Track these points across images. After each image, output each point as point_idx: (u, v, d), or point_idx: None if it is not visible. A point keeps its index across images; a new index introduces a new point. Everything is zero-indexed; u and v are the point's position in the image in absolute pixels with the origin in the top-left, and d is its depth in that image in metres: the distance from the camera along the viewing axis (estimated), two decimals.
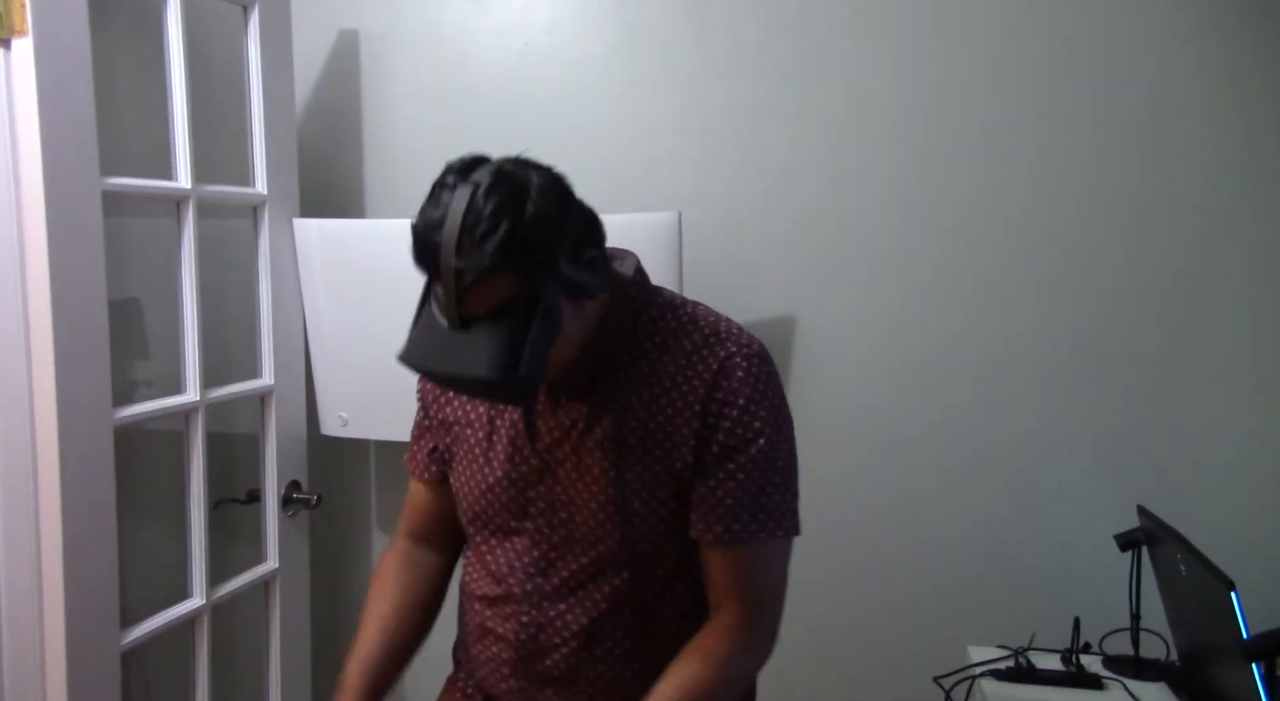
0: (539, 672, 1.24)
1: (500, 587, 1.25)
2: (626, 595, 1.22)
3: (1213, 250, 1.96)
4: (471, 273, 1.01)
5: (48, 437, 1.57)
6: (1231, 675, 1.47)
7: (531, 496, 1.22)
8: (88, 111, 1.61)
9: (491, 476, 1.24)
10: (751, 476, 1.17)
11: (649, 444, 1.18)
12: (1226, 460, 1.98)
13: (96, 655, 1.66)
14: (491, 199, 1.02)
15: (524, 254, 1.02)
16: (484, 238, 1.01)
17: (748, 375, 1.17)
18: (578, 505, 1.20)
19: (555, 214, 1.06)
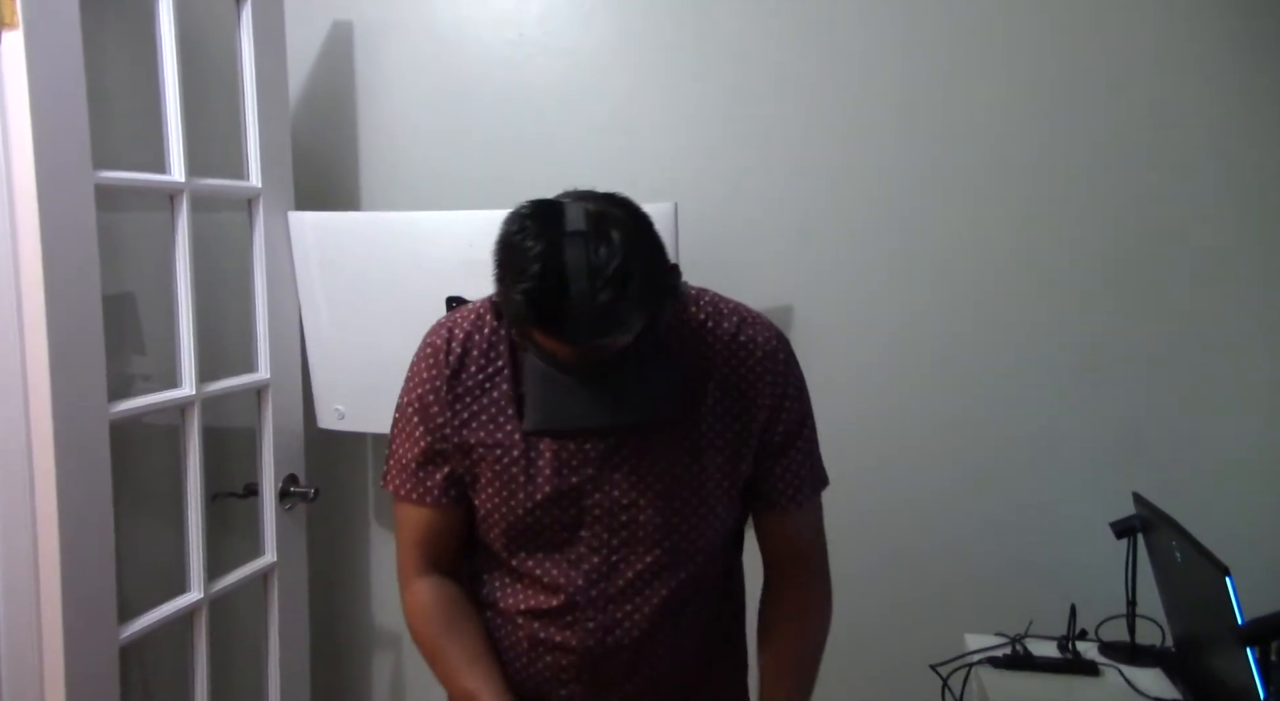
0: (604, 674, 1.24)
1: (557, 598, 1.23)
2: (690, 587, 1.25)
3: (1210, 242, 1.96)
4: (617, 328, 1.01)
5: (43, 432, 1.57)
6: (1226, 660, 1.48)
7: (587, 505, 1.21)
8: (80, 104, 1.60)
9: (539, 494, 1.21)
10: (810, 446, 1.29)
11: (710, 438, 1.21)
12: (1222, 448, 1.98)
13: (95, 649, 1.66)
14: (608, 247, 1.00)
15: (655, 295, 1.05)
16: (620, 291, 0.99)
17: (788, 359, 1.26)
18: (640, 506, 1.20)
19: (657, 243, 1.08)
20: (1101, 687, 1.70)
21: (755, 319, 1.26)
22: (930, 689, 1.76)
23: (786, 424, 1.25)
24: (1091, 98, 1.98)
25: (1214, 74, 1.92)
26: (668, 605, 1.24)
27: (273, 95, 2.04)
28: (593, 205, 1.04)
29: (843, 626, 2.13)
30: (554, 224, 1.01)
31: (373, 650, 2.42)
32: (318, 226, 2.09)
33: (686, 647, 1.28)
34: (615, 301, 0.99)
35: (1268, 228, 1.94)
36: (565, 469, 1.20)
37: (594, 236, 1.00)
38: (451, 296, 2.02)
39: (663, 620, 1.24)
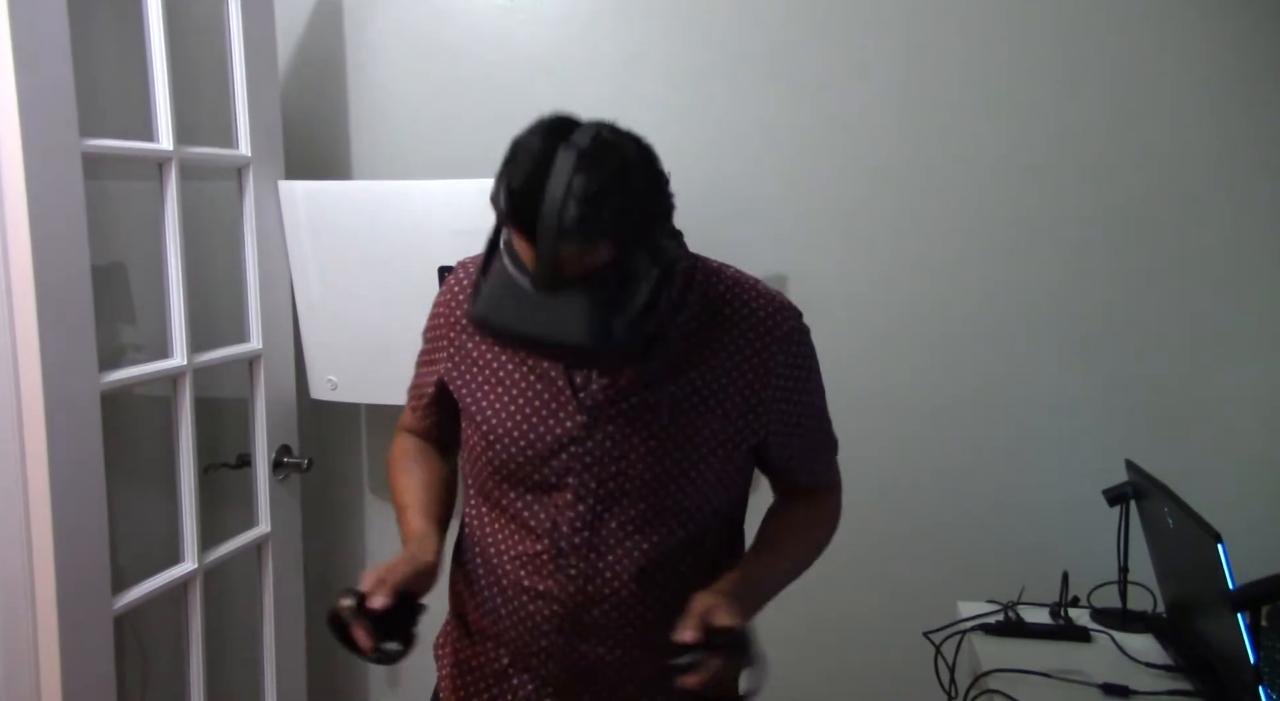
0: (584, 625, 1.25)
1: (541, 543, 1.24)
2: (680, 548, 1.25)
3: (1202, 208, 1.96)
4: (575, 240, 1.01)
5: (34, 403, 1.56)
6: (1217, 625, 1.49)
7: (576, 452, 1.22)
8: (65, 71, 1.58)
9: (533, 433, 1.23)
10: (820, 421, 1.36)
11: (711, 403, 1.22)
12: (1215, 415, 1.99)
13: (89, 619, 1.66)
14: (598, 168, 1.02)
15: (627, 225, 1.04)
16: (591, 206, 1.00)
17: (803, 338, 1.29)
18: (630, 460, 1.21)
19: (653, 187, 1.09)
20: (1093, 653, 1.71)
21: (776, 297, 1.28)
22: (923, 656, 1.77)
23: (798, 403, 1.28)
24: (1086, 64, 1.96)
25: (1215, 49, 1.91)
26: (652, 561, 1.24)
27: (262, 63, 2.01)
28: (609, 134, 1.07)
29: (837, 594, 2.17)
30: (561, 134, 1.05)
31: None
32: (308, 196, 2.07)
33: (672, 610, 1.24)
34: (584, 217, 1.00)
35: (1263, 196, 1.93)
36: (562, 413, 1.22)
37: (590, 156, 1.02)
38: (443, 266, 2.01)
39: (646, 578, 1.24)
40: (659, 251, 1.09)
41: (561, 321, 1.05)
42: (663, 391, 1.21)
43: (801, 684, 2.20)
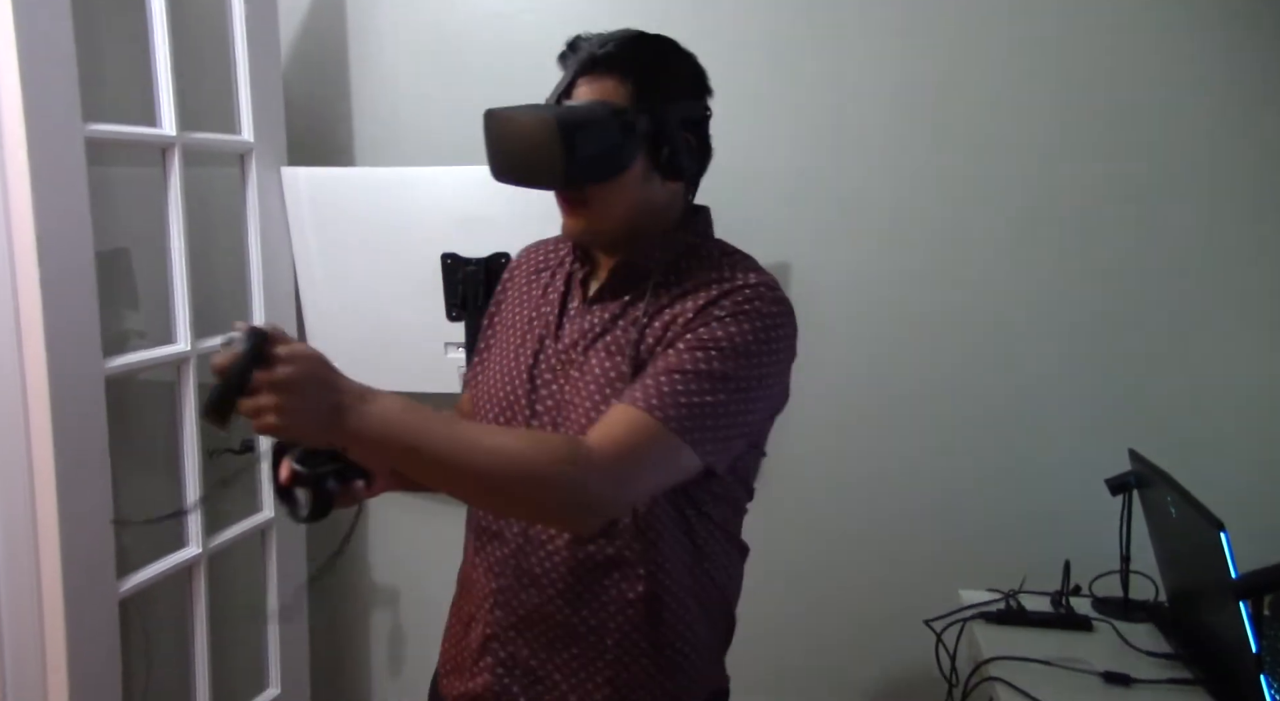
0: (524, 571, 1.23)
1: None
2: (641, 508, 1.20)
3: (1205, 200, 1.95)
4: (589, 53, 1.15)
5: (38, 389, 1.57)
6: (1219, 614, 1.49)
7: (543, 394, 1.23)
8: (69, 56, 1.57)
9: (519, 372, 1.26)
10: (683, 360, 1.12)
11: (653, 354, 1.18)
12: (1218, 404, 1.99)
13: (94, 603, 1.67)
14: (633, 32, 1.20)
15: (639, 61, 1.17)
16: (615, 38, 1.17)
17: (750, 296, 1.16)
18: (576, 403, 1.20)
19: (681, 63, 1.22)
20: (1094, 642, 1.71)
21: (756, 274, 1.21)
22: (924, 643, 1.78)
23: (695, 345, 1.13)
24: (1094, 58, 1.95)
25: (1218, 50, 1.90)
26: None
27: (264, 48, 2.01)
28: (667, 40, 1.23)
29: (838, 582, 2.17)
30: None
31: (371, 606, 2.44)
32: (311, 182, 2.07)
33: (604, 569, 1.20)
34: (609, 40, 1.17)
35: (1265, 185, 1.93)
36: (541, 354, 1.25)
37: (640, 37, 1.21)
38: (446, 253, 2.01)
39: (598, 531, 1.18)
40: (664, 138, 1.17)
41: (544, 113, 1.12)
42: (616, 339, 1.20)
43: (802, 670, 2.21)
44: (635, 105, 1.16)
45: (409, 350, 2.10)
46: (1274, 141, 1.91)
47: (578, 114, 1.13)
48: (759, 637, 2.16)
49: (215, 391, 0.94)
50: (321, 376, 0.98)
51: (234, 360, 0.94)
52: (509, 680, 1.25)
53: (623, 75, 1.16)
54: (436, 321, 2.04)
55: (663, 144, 1.18)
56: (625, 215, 1.20)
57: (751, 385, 1.15)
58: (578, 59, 1.17)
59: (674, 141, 1.18)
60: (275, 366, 0.95)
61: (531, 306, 1.32)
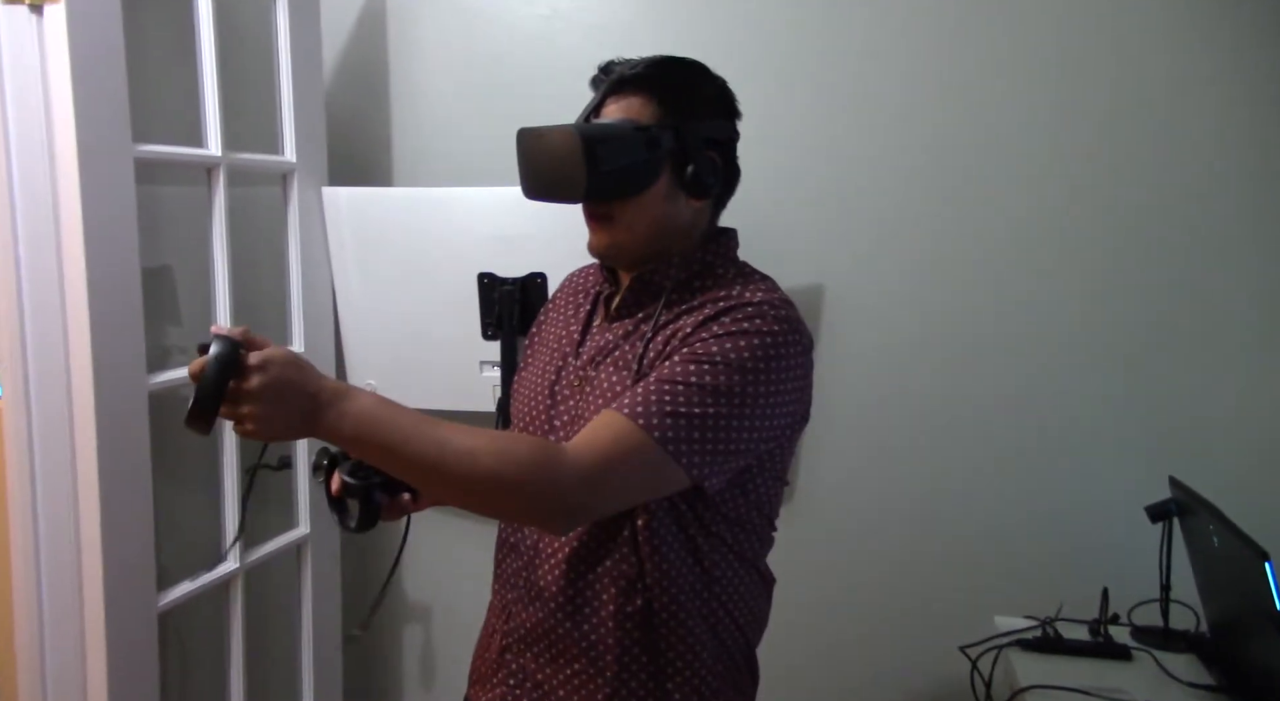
0: (533, 583, 1.24)
1: None
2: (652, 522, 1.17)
3: (1248, 216, 1.92)
4: (619, 74, 1.19)
5: (84, 403, 1.60)
6: (1263, 646, 1.46)
7: (561, 409, 1.25)
8: (120, 78, 1.61)
9: (543, 388, 1.28)
10: (675, 371, 1.10)
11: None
12: (1260, 431, 1.95)
13: (134, 616, 1.69)
14: (663, 56, 1.23)
15: (665, 81, 1.21)
16: (645, 60, 1.22)
17: (753, 314, 1.14)
18: (587, 417, 1.19)
19: (708, 84, 1.25)
20: (1133, 672, 1.69)
21: (767, 291, 1.19)
22: (959, 670, 1.75)
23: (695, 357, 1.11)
24: (1130, 72, 1.94)
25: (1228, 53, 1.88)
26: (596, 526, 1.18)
27: (307, 71, 2.05)
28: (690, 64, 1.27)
29: (872, 607, 2.15)
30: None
31: (404, 621, 2.45)
32: (351, 201, 2.10)
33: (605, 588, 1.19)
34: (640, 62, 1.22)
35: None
36: (565, 370, 1.27)
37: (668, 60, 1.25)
38: (483, 272, 2.03)
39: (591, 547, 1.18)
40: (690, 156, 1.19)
41: (569, 129, 1.15)
42: (627, 354, 1.21)
43: (834, 693, 2.19)
44: (660, 122, 1.18)
45: (445, 368, 2.12)
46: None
47: (602, 129, 1.17)
48: (793, 664, 2.15)
49: (193, 401, 0.97)
50: (294, 380, 0.99)
51: (206, 369, 0.96)
52: (520, 692, 1.27)
53: (649, 93, 1.19)
54: (472, 340, 2.06)
55: (687, 162, 1.19)
56: (649, 232, 1.21)
57: (748, 402, 1.12)
58: (609, 80, 1.22)
59: (699, 160, 1.19)
60: (249, 374, 0.97)
61: (563, 326, 1.35)
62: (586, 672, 1.22)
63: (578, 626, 1.21)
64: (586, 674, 1.22)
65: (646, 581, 1.19)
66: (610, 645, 1.20)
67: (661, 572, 1.18)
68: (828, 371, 2.11)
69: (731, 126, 1.27)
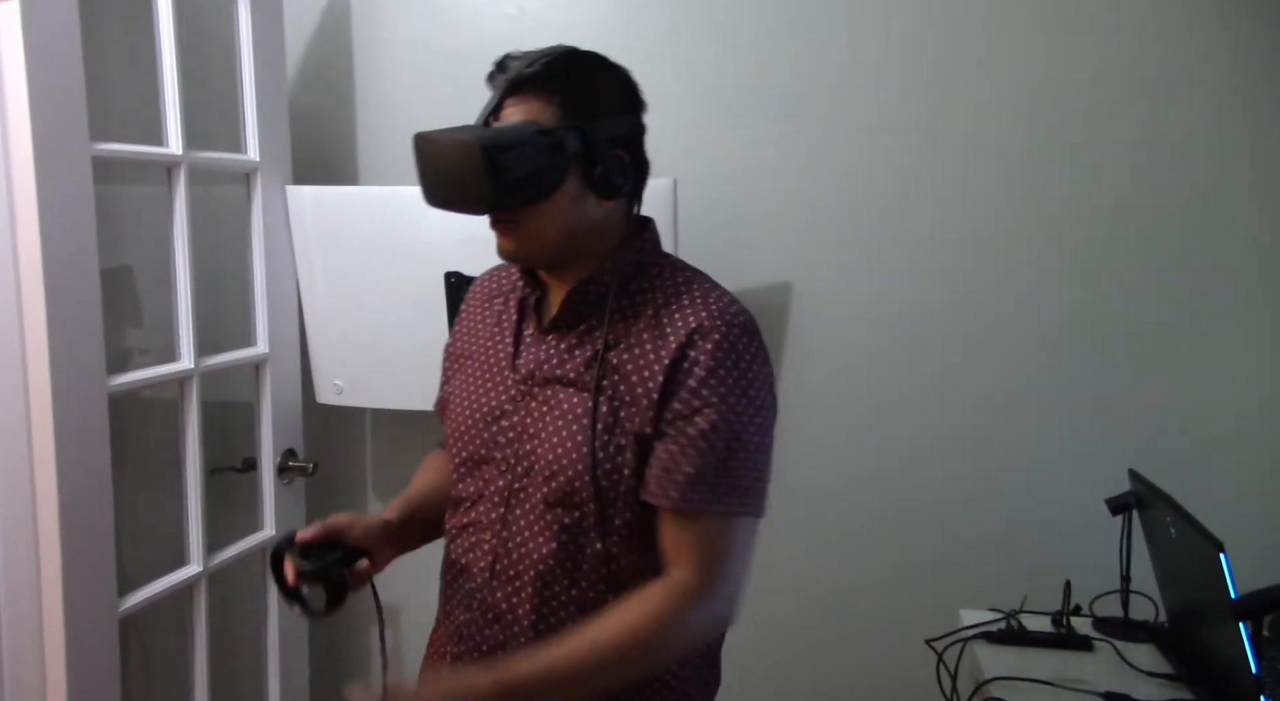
0: (491, 606, 1.23)
1: (468, 516, 1.27)
2: (584, 534, 1.19)
3: (1206, 221, 1.96)
4: (516, 73, 1.14)
5: (42, 406, 1.57)
6: (1219, 635, 1.49)
7: (504, 425, 1.24)
8: (76, 75, 1.59)
9: (479, 403, 1.27)
10: (714, 447, 1.14)
11: (618, 389, 1.18)
12: (1218, 425, 1.99)
13: (95, 621, 1.67)
14: (561, 49, 1.18)
15: (566, 79, 1.15)
16: (543, 55, 1.16)
17: (722, 341, 1.15)
18: (542, 437, 1.20)
19: (610, 78, 1.21)
20: (1095, 662, 1.71)
21: (722, 303, 1.20)
22: (925, 663, 1.77)
23: (689, 401, 1.14)
24: (1093, 82, 1.97)
25: (1212, 53, 1.92)
26: (564, 550, 1.19)
27: (270, 68, 2.03)
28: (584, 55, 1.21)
29: (839, 601, 2.17)
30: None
31: (372, 623, 2.43)
32: (316, 200, 2.08)
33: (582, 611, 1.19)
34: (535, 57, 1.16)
35: (1262, 204, 1.94)
36: (500, 386, 1.26)
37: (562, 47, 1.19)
38: (450, 272, 2.02)
39: (556, 564, 1.19)
40: (595, 156, 1.15)
41: (467, 134, 1.11)
42: (576, 367, 1.20)
43: (803, 691, 2.21)
44: (563, 124, 1.14)
45: (412, 369, 2.10)
46: (1274, 151, 1.92)
47: (503, 136, 1.11)
48: (759, 659, 2.16)
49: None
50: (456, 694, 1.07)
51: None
52: None
53: (549, 94, 1.14)
54: (439, 340, 2.01)
55: (594, 163, 1.15)
56: (559, 236, 1.18)
57: (768, 423, 1.20)
58: (505, 79, 1.15)
59: (606, 159, 1.16)
60: None
61: (485, 335, 1.32)
62: None
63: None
64: None
65: (611, 599, 1.19)
66: None
67: (628, 591, 1.18)
68: (794, 370, 2.13)
69: (637, 120, 1.22)
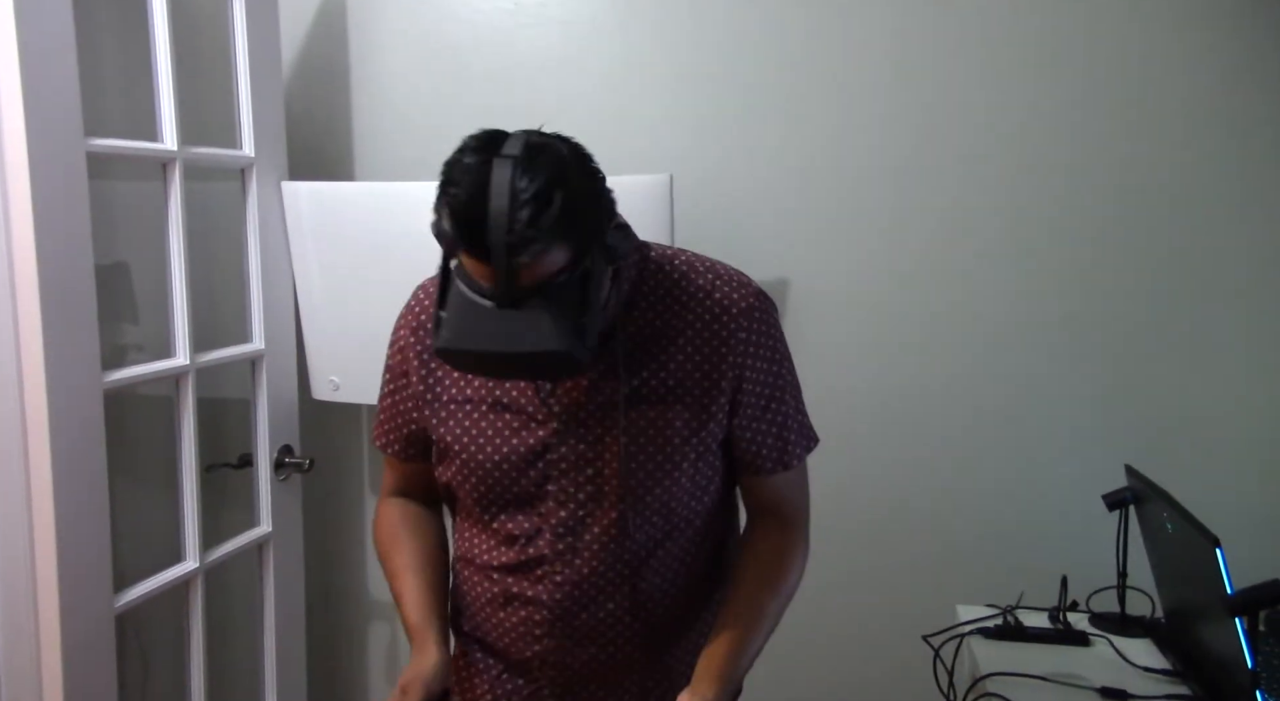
0: (574, 628, 1.25)
1: (526, 553, 1.25)
2: (665, 546, 1.26)
3: (1203, 218, 1.96)
4: (529, 249, 0.99)
5: (37, 402, 1.57)
6: (1215, 630, 1.49)
7: (553, 459, 1.22)
8: (70, 71, 1.58)
9: (506, 447, 1.23)
10: (789, 407, 1.28)
11: (677, 393, 1.21)
12: (1214, 421, 1.99)
13: (90, 617, 1.67)
14: (537, 172, 1.00)
15: (577, 226, 1.03)
16: (538, 211, 0.99)
17: (764, 317, 1.25)
18: (605, 460, 1.21)
19: (593, 184, 1.09)
20: (1092, 657, 1.71)
21: (733, 277, 1.25)
22: (922, 659, 1.77)
23: (758, 384, 1.24)
24: (1083, 69, 1.97)
25: (1203, 42, 1.92)
26: (636, 558, 1.24)
27: (266, 63, 2.02)
28: (537, 138, 1.06)
29: (836, 598, 2.17)
30: (491, 147, 1.03)
31: (368, 620, 2.43)
32: (311, 196, 2.08)
33: (658, 605, 1.28)
34: (531, 222, 0.99)
35: (1258, 200, 1.94)
36: (532, 423, 1.22)
37: (526, 161, 1.01)
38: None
39: (631, 577, 1.24)
40: (610, 248, 1.09)
41: (531, 333, 1.02)
42: (624, 387, 1.20)
43: (800, 686, 2.21)
44: (585, 252, 1.06)
45: None
46: (1270, 151, 1.92)
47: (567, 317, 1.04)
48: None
49: None
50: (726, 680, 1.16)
51: None
52: None
53: (558, 240, 1.02)
54: None
55: (611, 253, 1.11)
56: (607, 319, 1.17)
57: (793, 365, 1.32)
58: (504, 245, 1.00)
59: (615, 241, 1.11)
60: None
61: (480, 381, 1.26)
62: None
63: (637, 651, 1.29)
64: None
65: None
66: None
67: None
68: None
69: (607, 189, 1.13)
